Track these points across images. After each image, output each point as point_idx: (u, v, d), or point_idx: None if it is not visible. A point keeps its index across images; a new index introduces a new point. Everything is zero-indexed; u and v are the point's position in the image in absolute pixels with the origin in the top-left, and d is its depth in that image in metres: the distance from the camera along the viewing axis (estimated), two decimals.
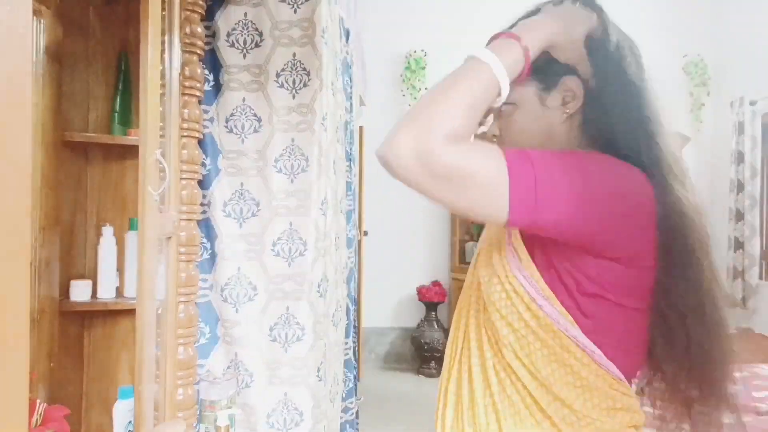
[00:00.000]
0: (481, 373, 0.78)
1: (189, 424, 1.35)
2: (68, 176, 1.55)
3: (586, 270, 0.70)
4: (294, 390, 1.46)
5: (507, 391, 0.76)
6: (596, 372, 0.73)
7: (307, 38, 1.48)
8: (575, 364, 0.72)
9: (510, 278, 0.74)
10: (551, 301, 0.72)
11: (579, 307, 0.72)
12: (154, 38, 1.09)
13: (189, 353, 1.36)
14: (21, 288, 0.37)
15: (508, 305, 0.74)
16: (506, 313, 0.75)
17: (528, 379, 0.74)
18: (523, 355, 0.74)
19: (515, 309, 0.74)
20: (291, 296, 1.47)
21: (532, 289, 0.72)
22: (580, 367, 0.72)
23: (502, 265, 0.76)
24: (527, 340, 0.73)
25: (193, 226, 1.39)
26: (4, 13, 0.35)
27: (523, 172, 0.64)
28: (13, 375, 0.37)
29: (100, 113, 1.63)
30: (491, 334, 0.78)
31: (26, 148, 0.38)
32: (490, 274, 0.77)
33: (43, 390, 1.39)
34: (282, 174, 1.48)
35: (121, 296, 1.59)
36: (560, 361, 0.73)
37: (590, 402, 0.73)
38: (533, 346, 0.73)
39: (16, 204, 0.37)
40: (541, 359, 0.73)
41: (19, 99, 0.37)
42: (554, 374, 0.73)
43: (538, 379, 0.73)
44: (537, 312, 0.72)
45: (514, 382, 0.75)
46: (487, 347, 0.78)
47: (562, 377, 0.73)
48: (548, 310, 0.72)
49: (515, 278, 0.74)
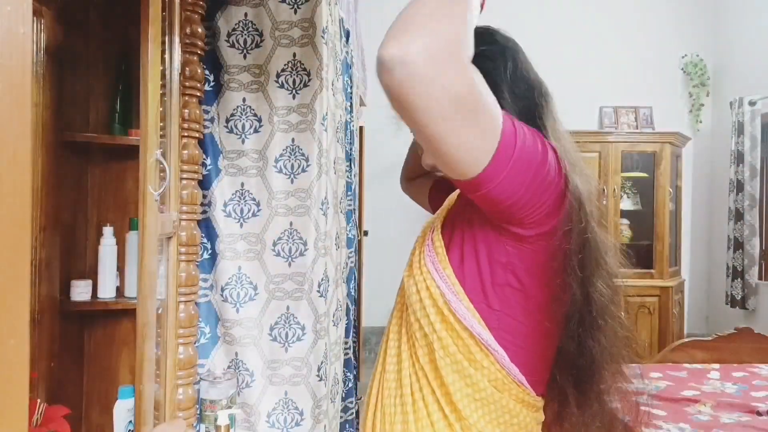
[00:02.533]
0: (396, 374, 0.78)
1: (189, 424, 1.35)
2: (69, 176, 1.55)
3: (498, 256, 0.69)
4: (294, 389, 1.47)
5: (415, 395, 0.75)
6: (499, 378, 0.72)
7: (308, 38, 1.48)
8: (474, 374, 0.71)
9: (424, 273, 0.73)
10: (460, 297, 0.71)
11: (487, 301, 0.70)
12: (154, 38, 1.09)
13: (189, 353, 1.36)
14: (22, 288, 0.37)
15: (419, 303, 0.74)
16: (419, 312, 0.74)
17: (436, 383, 0.73)
18: (431, 358, 0.74)
19: (425, 307, 0.73)
20: (291, 296, 1.47)
21: (443, 284, 0.71)
22: (478, 378, 0.71)
23: (419, 261, 0.75)
24: (435, 346, 0.73)
25: (193, 226, 1.39)
26: (5, 13, 0.35)
27: (511, 132, 0.62)
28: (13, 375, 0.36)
29: (100, 113, 1.63)
30: (410, 335, 0.77)
31: (27, 148, 0.38)
32: (409, 271, 0.77)
33: (44, 390, 1.39)
34: (282, 174, 1.48)
35: (122, 296, 1.59)
36: (460, 372, 0.72)
37: (488, 416, 0.72)
38: (438, 353, 0.72)
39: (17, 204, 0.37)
40: (444, 367, 0.72)
41: (20, 99, 0.37)
42: (455, 383, 0.72)
43: (444, 386, 0.73)
44: (443, 308, 0.71)
45: (423, 386, 0.75)
46: (405, 348, 0.78)
47: (462, 388, 0.72)
48: (455, 306, 0.70)
49: (429, 273, 0.73)
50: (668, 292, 3.70)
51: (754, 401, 2.08)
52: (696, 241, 4.34)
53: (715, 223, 4.24)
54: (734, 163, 3.85)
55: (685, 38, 4.30)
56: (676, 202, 3.97)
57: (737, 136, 3.84)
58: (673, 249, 3.91)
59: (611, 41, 4.10)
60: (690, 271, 4.30)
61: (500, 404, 0.73)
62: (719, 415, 1.95)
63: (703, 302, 4.33)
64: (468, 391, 0.72)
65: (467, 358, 0.71)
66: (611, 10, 4.19)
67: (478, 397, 0.72)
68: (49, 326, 1.44)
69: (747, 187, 3.76)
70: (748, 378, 2.39)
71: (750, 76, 3.91)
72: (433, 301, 0.72)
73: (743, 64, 4.01)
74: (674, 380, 2.34)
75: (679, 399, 2.09)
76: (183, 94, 1.35)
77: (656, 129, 4.07)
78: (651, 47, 4.25)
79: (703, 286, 4.33)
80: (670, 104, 4.26)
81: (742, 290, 3.78)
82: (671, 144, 3.79)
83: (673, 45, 4.28)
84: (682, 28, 4.31)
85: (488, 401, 0.72)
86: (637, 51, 4.19)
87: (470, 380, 0.72)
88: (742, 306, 3.78)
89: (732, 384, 2.31)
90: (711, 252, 4.29)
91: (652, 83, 4.21)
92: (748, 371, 2.47)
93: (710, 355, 2.64)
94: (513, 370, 0.72)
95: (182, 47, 1.35)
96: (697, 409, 2.01)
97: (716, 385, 2.30)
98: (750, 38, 3.96)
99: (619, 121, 4.12)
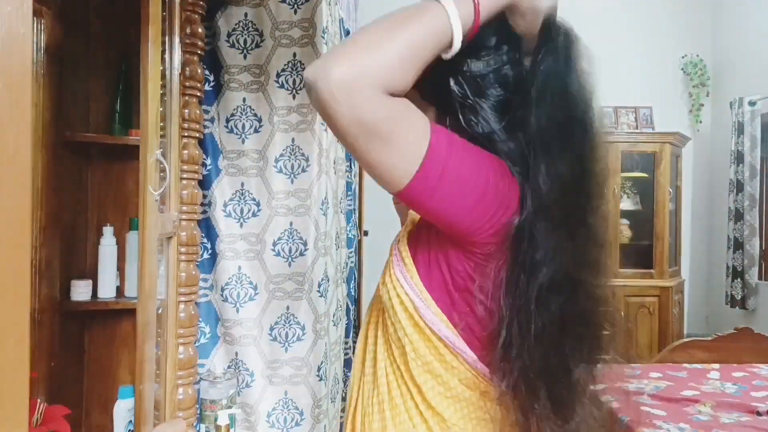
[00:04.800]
0: (373, 374, 0.79)
1: (189, 424, 1.35)
2: (69, 176, 1.55)
3: (454, 263, 0.70)
4: (294, 389, 1.47)
5: (392, 393, 0.76)
6: (469, 377, 0.72)
7: (308, 38, 1.48)
8: (444, 374, 0.72)
9: (394, 282, 0.74)
10: (428, 303, 0.72)
11: (453, 305, 0.71)
12: (154, 39, 1.09)
13: (189, 353, 1.36)
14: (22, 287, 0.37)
15: (392, 309, 0.75)
16: (393, 318, 0.75)
17: (411, 383, 0.74)
18: (404, 360, 0.75)
19: (397, 313, 0.74)
20: (291, 296, 1.47)
21: (412, 292, 0.72)
22: (449, 378, 0.72)
23: (389, 270, 0.76)
24: (405, 348, 0.74)
25: (193, 226, 1.39)
26: (5, 13, 0.35)
27: (439, 155, 0.62)
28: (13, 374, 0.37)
29: (100, 113, 1.63)
30: (386, 334, 0.78)
31: (27, 148, 0.38)
32: (382, 279, 0.78)
33: (44, 389, 1.39)
34: (282, 174, 1.48)
35: (122, 296, 1.59)
36: (431, 372, 0.73)
37: (460, 412, 0.74)
38: (410, 356, 0.73)
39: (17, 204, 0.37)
40: (416, 368, 0.73)
41: (20, 99, 0.37)
42: (427, 383, 0.73)
43: (417, 385, 0.74)
44: (413, 314, 0.72)
45: (400, 384, 0.76)
46: (381, 347, 0.79)
47: (434, 387, 0.73)
48: (424, 312, 0.71)
49: (397, 280, 0.74)
50: (668, 292, 3.70)
51: (754, 401, 2.08)
52: (696, 241, 4.34)
53: (715, 223, 4.23)
54: (734, 163, 3.84)
55: (685, 38, 4.30)
56: (676, 202, 3.96)
57: (737, 136, 3.84)
58: (672, 249, 3.90)
59: (611, 41, 4.10)
60: (690, 271, 4.30)
61: (471, 401, 0.74)
62: (719, 416, 1.95)
63: (703, 302, 4.33)
64: (440, 389, 0.73)
65: (438, 359, 0.73)
66: (611, 9, 4.19)
67: (449, 395, 0.74)
68: (50, 326, 1.44)
69: (747, 187, 3.76)
70: (748, 378, 2.39)
71: (750, 76, 3.91)
72: (404, 308, 0.73)
73: (743, 64, 4.01)
74: (674, 380, 2.34)
75: (679, 399, 2.09)
76: (183, 94, 1.35)
77: (656, 129, 4.06)
78: (651, 47, 4.24)
79: (703, 286, 4.33)
80: (669, 104, 4.26)
81: (742, 290, 3.77)
82: (671, 144, 3.79)
83: (673, 45, 4.28)
84: (681, 28, 4.31)
85: (460, 398, 0.74)
86: (637, 51, 4.18)
87: (441, 380, 0.73)
88: (742, 306, 3.78)
89: (732, 384, 2.31)
90: (711, 252, 4.29)
91: (651, 83, 4.21)
92: (748, 371, 2.47)
93: (710, 355, 2.64)
94: (483, 369, 0.72)
95: (182, 47, 1.35)
96: (697, 410, 2.01)
97: (716, 385, 2.30)
98: (750, 38, 3.96)
99: (618, 121, 4.11)
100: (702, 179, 4.32)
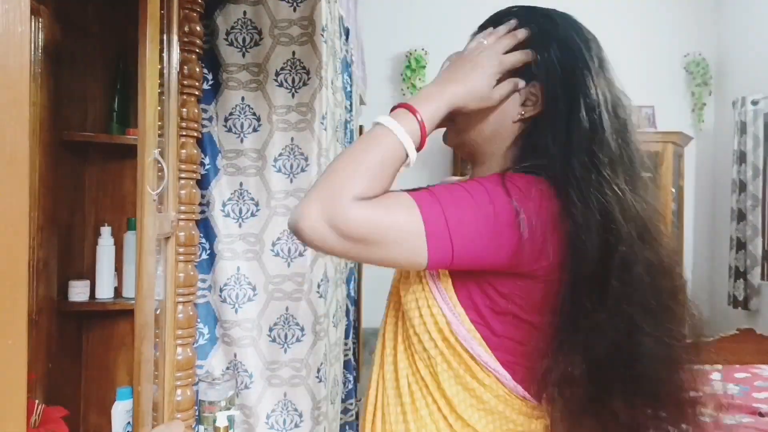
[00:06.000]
0: (395, 381, 0.78)
1: (188, 426, 1.34)
2: (66, 176, 1.54)
3: (499, 287, 0.70)
4: (293, 391, 1.46)
5: (417, 404, 0.75)
6: (502, 395, 0.73)
7: (307, 37, 1.47)
8: (478, 388, 0.72)
9: (426, 291, 0.74)
10: (461, 318, 0.71)
11: (489, 326, 0.71)
12: (152, 37, 1.08)
13: (188, 354, 1.35)
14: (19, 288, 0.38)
15: (419, 319, 0.74)
16: (419, 328, 0.74)
17: (437, 394, 0.74)
18: (432, 371, 0.74)
19: (425, 323, 0.73)
20: (290, 297, 1.46)
21: (444, 305, 0.72)
22: (482, 392, 0.72)
23: (420, 278, 0.75)
24: (436, 360, 0.73)
25: (191, 226, 1.38)
26: (3, 12, 0.36)
27: (434, 213, 0.64)
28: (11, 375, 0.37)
29: (98, 112, 1.62)
30: (407, 345, 0.77)
31: (24, 147, 0.38)
32: (408, 285, 0.77)
33: (42, 390, 1.39)
34: (281, 173, 1.47)
35: (120, 296, 1.58)
36: (463, 384, 0.73)
37: (492, 424, 0.74)
38: (441, 367, 0.73)
39: (14, 204, 0.37)
40: (447, 380, 0.73)
41: (18, 98, 0.37)
42: (458, 395, 0.73)
43: (446, 397, 0.74)
44: (444, 329, 0.72)
45: (425, 395, 0.75)
46: (402, 356, 0.78)
47: (466, 399, 0.73)
48: (456, 328, 0.71)
49: (430, 292, 0.73)
50: None
51: (757, 402, 2.07)
52: (698, 242, 4.33)
53: (718, 223, 4.22)
54: (737, 162, 3.83)
55: (688, 37, 4.29)
56: (678, 202, 3.95)
57: (740, 135, 3.82)
58: None
59: (613, 40, 4.07)
60: (692, 271, 4.29)
61: (504, 414, 0.73)
62: (721, 416, 1.94)
63: (705, 303, 4.32)
64: (472, 401, 0.73)
65: (470, 375, 0.72)
66: (612, 9, 4.18)
67: (482, 407, 0.73)
68: (47, 327, 1.43)
69: (749, 187, 3.74)
70: (750, 379, 2.38)
71: (753, 75, 3.90)
72: (434, 320, 0.72)
73: (746, 63, 4.00)
74: None
75: None
76: (181, 92, 1.34)
77: (658, 128, 4.05)
78: (653, 46, 4.23)
79: (705, 287, 4.31)
80: (672, 104, 4.24)
81: (745, 291, 3.76)
82: (673, 143, 3.78)
83: (676, 44, 4.27)
84: (684, 27, 4.30)
85: (493, 411, 0.73)
86: (639, 50, 4.17)
87: (474, 393, 0.73)
88: (744, 307, 3.77)
89: (734, 385, 2.30)
90: (713, 252, 4.28)
91: (654, 82, 4.19)
92: (750, 372, 2.46)
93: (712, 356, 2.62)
94: (517, 388, 0.72)
95: (181, 46, 1.34)
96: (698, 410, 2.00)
97: (718, 386, 2.28)
98: (753, 37, 3.95)
99: None
100: (704, 179, 4.31)
